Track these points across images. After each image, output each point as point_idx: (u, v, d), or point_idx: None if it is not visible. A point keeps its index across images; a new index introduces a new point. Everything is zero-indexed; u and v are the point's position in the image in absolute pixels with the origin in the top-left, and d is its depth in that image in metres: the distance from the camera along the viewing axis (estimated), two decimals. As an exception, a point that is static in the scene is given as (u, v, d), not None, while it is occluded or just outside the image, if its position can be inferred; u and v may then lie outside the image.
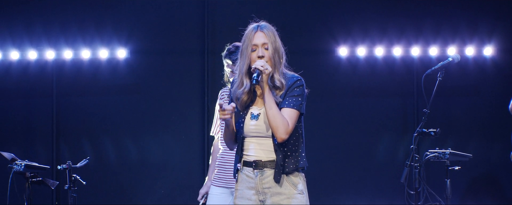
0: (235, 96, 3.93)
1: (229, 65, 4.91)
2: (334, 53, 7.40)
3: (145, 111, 7.43)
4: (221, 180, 4.94)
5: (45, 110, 7.40)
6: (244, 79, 3.90)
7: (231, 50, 4.92)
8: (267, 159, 3.85)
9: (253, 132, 3.88)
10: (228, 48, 4.95)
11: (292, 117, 3.82)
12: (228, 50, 4.94)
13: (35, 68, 7.36)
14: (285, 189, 3.84)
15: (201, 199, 5.11)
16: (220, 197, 4.93)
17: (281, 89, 3.88)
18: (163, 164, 7.39)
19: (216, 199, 4.93)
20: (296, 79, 3.91)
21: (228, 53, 4.93)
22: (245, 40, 3.92)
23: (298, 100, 3.86)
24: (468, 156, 5.81)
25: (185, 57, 7.44)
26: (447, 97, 7.36)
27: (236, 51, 4.87)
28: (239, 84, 3.92)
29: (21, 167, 5.40)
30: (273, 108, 3.78)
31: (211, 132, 5.16)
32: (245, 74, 3.89)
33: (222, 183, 4.93)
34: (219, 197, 4.93)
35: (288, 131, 3.79)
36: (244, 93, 3.90)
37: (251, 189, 3.88)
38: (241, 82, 3.91)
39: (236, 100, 3.93)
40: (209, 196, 4.98)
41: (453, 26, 7.39)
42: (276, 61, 3.88)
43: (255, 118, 3.89)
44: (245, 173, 3.91)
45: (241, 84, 3.91)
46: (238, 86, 3.92)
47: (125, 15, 7.44)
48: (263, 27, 3.93)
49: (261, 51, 3.87)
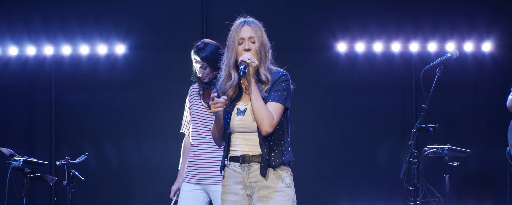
0: (222, 91, 3.94)
1: (198, 61, 4.91)
2: (333, 49, 7.39)
3: (143, 106, 7.43)
4: (193, 176, 4.94)
5: (43, 105, 7.40)
6: (231, 73, 3.92)
7: (199, 46, 4.92)
8: (253, 153, 3.88)
9: (239, 127, 3.90)
10: (196, 45, 4.94)
11: (277, 111, 3.85)
12: (197, 47, 4.93)
13: (33, 64, 7.36)
14: (272, 183, 3.87)
15: (173, 195, 5.12)
16: (192, 193, 4.94)
17: (266, 84, 3.91)
18: (162, 159, 7.39)
19: (188, 195, 4.94)
20: (281, 74, 3.94)
21: (196, 50, 4.92)
22: (232, 34, 3.95)
23: (283, 94, 3.89)
24: (467, 152, 5.82)
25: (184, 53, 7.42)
26: (445, 93, 7.36)
27: (205, 47, 4.88)
28: (226, 78, 3.94)
29: (19, 162, 5.40)
30: (259, 101, 3.81)
31: (181, 129, 5.16)
32: (232, 67, 3.92)
33: (193, 180, 4.94)
34: (191, 193, 4.94)
35: (273, 124, 3.82)
36: (231, 87, 3.92)
37: (239, 184, 3.91)
38: (229, 75, 3.93)
39: (222, 94, 3.94)
40: (181, 192, 4.99)
41: (451, 22, 7.39)
42: (262, 55, 3.91)
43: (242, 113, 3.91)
44: (232, 168, 3.93)
45: (228, 77, 3.93)
46: (225, 80, 3.94)
47: (124, 11, 7.43)
48: (250, 21, 3.97)
49: (248, 45, 3.90)
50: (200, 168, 4.91)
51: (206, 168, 4.89)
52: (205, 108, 4.92)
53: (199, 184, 4.93)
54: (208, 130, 4.90)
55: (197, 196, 4.93)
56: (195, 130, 4.97)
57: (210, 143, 4.89)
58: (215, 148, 4.87)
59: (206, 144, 4.92)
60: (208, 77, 4.93)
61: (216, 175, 4.85)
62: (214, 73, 4.89)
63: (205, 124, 4.91)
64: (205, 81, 4.94)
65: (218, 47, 4.90)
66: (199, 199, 4.93)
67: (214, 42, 4.95)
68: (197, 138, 4.96)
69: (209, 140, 4.89)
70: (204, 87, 4.95)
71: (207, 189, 4.91)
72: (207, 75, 4.92)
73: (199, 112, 4.95)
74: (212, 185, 4.87)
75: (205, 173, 4.89)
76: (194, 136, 4.98)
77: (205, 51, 4.88)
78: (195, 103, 5.00)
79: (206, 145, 4.92)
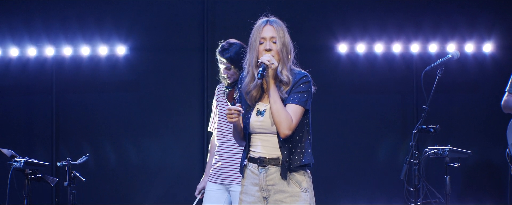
0: (245, 91, 3.91)
1: (223, 62, 4.91)
2: (334, 50, 7.39)
3: (144, 107, 7.43)
4: (217, 176, 4.94)
5: (44, 106, 7.40)
6: (255, 73, 3.87)
7: (224, 47, 4.90)
8: (270, 156, 3.85)
9: (259, 128, 3.87)
10: (221, 45, 4.93)
11: (296, 113, 3.81)
12: (222, 47, 4.91)
13: (34, 65, 7.36)
14: (288, 187, 3.84)
15: (198, 194, 5.13)
16: (216, 193, 4.94)
17: (287, 85, 3.86)
18: (162, 160, 7.39)
19: (211, 195, 4.95)
20: (302, 75, 3.90)
21: (221, 50, 4.90)
22: (254, 33, 3.91)
23: (303, 96, 3.85)
24: (468, 153, 5.81)
25: (184, 54, 7.44)
26: (446, 94, 7.36)
27: (230, 48, 4.87)
28: (251, 78, 3.90)
29: (20, 163, 5.40)
30: (277, 103, 3.77)
31: (208, 128, 5.16)
32: (254, 67, 3.88)
33: (217, 179, 4.94)
34: (214, 193, 4.94)
35: (292, 126, 3.78)
36: (256, 87, 3.88)
37: (255, 185, 3.89)
38: (252, 76, 3.89)
39: (245, 95, 3.91)
40: (206, 192, 5.00)
41: (452, 23, 7.39)
42: (283, 56, 3.87)
43: (261, 114, 3.88)
44: (250, 169, 3.91)
45: (252, 78, 3.89)
46: (250, 80, 3.90)
47: (125, 12, 7.43)
48: (272, 21, 3.93)
49: (269, 45, 3.87)
50: (223, 168, 4.91)
51: (228, 168, 4.89)
52: None
53: (221, 184, 4.92)
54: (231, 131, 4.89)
55: (220, 196, 4.93)
56: (219, 130, 4.97)
57: (232, 144, 4.88)
58: (238, 149, 4.86)
59: (229, 144, 4.91)
60: (232, 78, 4.90)
61: (237, 175, 4.84)
62: (239, 74, 4.87)
63: (228, 124, 4.89)
64: (230, 82, 4.92)
65: (242, 47, 4.86)
66: (222, 199, 4.93)
67: (239, 42, 4.92)
68: (221, 138, 4.95)
69: (232, 141, 4.87)
70: (228, 89, 4.94)
71: (229, 189, 4.91)
72: (232, 76, 4.90)
73: (224, 112, 4.94)
74: (233, 186, 4.87)
75: (227, 173, 4.89)
76: (218, 136, 4.98)
77: (229, 51, 4.85)
78: (221, 103, 5.00)
79: (229, 146, 4.91)
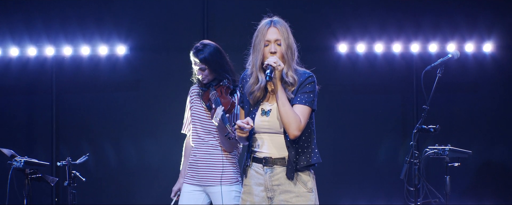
0: (249, 92, 3.91)
1: (197, 63, 4.87)
2: (334, 49, 7.39)
3: (144, 107, 7.43)
4: (193, 177, 4.93)
5: (44, 106, 7.40)
6: (259, 75, 3.87)
7: (198, 48, 4.86)
8: (278, 155, 3.85)
9: (265, 128, 3.87)
10: (195, 46, 4.89)
11: (304, 113, 3.82)
12: (196, 48, 4.87)
13: (34, 65, 7.36)
14: (294, 187, 3.84)
15: (174, 196, 5.12)
16: (192, 194, 4.93)
17: (293, 86, 3.87)
18: (162, 160, 7.39)
19: (188, 196, 4.94)
20: (308, 75, 3.91)
21: (195, 51, 4.86)
22: (258, 35, 3.90)
23: (310, 96, 3.86)
24: (468, 153, 5.81)
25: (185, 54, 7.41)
26: (446, 94, 7.36)
27: (204, 48, 4.83)
28: (255, 80, 3.89)
29: (20, 163, 5.39)
30: (286, 105, 3.78)
31: (182, 130, 5.14)
32: (259, 69, 3.88)
33: (194, 181, 4.93)
34: (191, 194, 4.93)
35: (301, 127, 3.79)
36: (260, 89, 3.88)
37: (260, 185, 3.89)
38: (256, 77, 3.89)
39: (249, 95, 3.92)
40: (182, 193, 4.98)
41: (452, 23, 7.39)
42: (288, 57, 3.88)
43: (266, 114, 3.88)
44: (254, 169, 3.91)
45: (256, 79, 3.89)
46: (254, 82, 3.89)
47: (125, 12, 7.43)
48: (276, 22, 3.92)
49: (274, 47, 3.87)
50: (200, 169, 4.90)
51: (205, 170, 4.88)
52: (204, 110, 4.90)
53: (199, 185, 4.92)
54: (208, 132, 4.88)
55: (197, 197, 4.93)
56: (194, 131, 4.96)
57: (209, 145, 4.88)
58: (215, 150, 4.86)
59: (205, 145, 4.90)
60: (207, 79, 4.88)
61: (215, 176, 4.83)
62: (213, 75, 4.86)
63: (204, 126, 4.90)
64: (204, 82, 4.91)
65: (217, 49, 4.85)
66: (199, 200, 4.93)
67: (213, 44, 4.89)
68: (197, 140, 4.94)
69: (208, 142, 4.88)
70: (203, 90, 4.91)
71: (207, 191, 4.91)
72: (206, 77, 4.87)
73: (198, 114, 4.93)
74: (212, 187, 4.86)
75: (205, 175, 4.88)
76: (194, 138, 4.97)
77: (204, 52, 4.82)
78: (195, 104, 4.97)
79: (205, 147, 4.90)
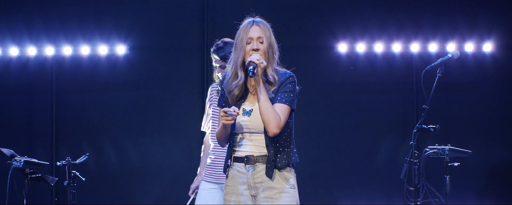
0: (228, 90, 3.94)
1: (217, 60, 4.89)
2: (334, 49, 7.39)
3: (144, 107, 7.43)
4: (211, 175, 4.94)
5: (44, 106, 7.40)
6: (238, 72, 3.91)
7: (219, 45, 4.88)
8: (259, 153, 3.89)
9: (246, 128, 3.90)
10: (216, 44, 4.91)
11: (284, 112, 3.86)
12: (216, 46, 4.89)
13: (34, 64, 7.36)
14: (277, 184, 3.88)
15: (191, 193, 5.12)
16: (210, 192, 4.93)
17: (273, 85, 3.91)
18: (162, 160, 7.39)
19: (205, 194, 4.94)
20: (288, 75, 3.94)
21: (216, 49, 4.89)
22: (240, 33, 3.94)
23: (290, 96, 3.89)
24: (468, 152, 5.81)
25: (184, 53, 7.44)
26: (446, 94, 7.36)
27: (225, 47, 4.84)
28: (233, 76, 3.93)
29: (20, 163, 5.39)
30: (267, 102, 3.82)
31: (202, 127, 5.15)
32: (239, 67, 3.91)
33: (212, 179, 4.94)
34: (208, 192, 4.94)
35: (280, 125, 3.83)
36: (237, 86, 3.91)
37: (243, 184, 3.91)
38: (235, 74, 3.92)
39: (228, 94, 3.94)
40: (199, 191, 4.99)
41: (452, 22, 7.39)
42: (270, 56, 3.91)
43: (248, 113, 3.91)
44: (236, 169, 3.93)
45: (235, 76, 3.93)
46: (232, 79, 3.93)
47: (125, 12, 7.43)
48: (258, 21, 3.96)
49: (256, 45, 3.90)
50: (218, 167, 4.90)
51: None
52: None
53: (216, 183, 4.92)
54: None
55: (214, 195, 4.92)
56: (214, 130, 4.96)
57: None
58: None
59: None
60: None
61: None
62: None
63: None
64: None
65: None
66: (216, 198, 4.92)
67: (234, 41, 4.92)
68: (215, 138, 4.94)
69: None
70: None
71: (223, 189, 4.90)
72: None
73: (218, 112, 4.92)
74: None
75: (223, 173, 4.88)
76: (212, 136, 4.97)
77: (224, 50, 4.84)
78: (214, 102, 4.98)
79: None
